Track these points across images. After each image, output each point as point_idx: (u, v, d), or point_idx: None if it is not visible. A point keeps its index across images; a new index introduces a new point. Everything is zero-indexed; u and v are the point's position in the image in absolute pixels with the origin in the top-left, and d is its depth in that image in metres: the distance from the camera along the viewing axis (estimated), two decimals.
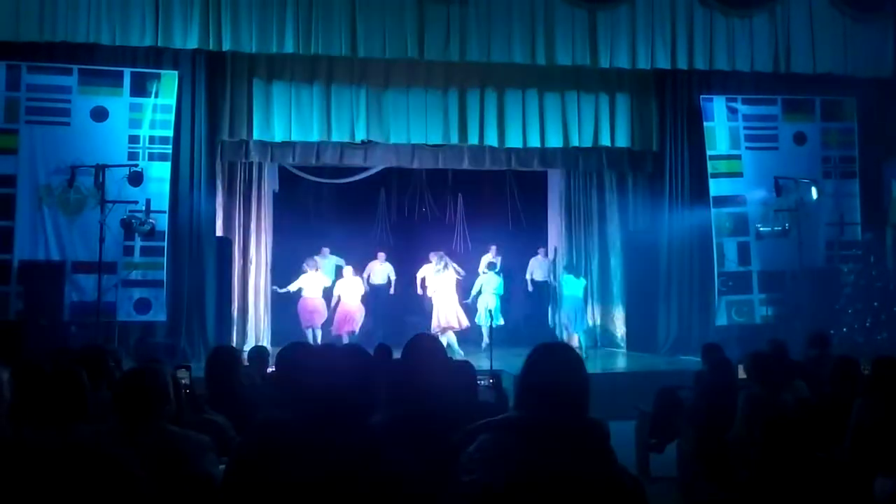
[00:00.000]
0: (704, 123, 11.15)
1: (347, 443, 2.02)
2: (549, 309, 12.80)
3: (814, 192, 10.51)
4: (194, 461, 2.78)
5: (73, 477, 0.75)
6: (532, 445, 2.06)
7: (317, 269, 11.27)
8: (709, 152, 11.12)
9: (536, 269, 12.72)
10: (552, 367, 2.29)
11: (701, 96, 11.20)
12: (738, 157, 11.23)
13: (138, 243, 9.83)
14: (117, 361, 4.95)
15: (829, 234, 11.18)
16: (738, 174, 11.19)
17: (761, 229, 10.74)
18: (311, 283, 11.13)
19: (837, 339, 8.92)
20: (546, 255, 12.88)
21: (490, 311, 10.63)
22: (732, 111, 11.26)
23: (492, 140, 11.02)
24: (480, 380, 5.65)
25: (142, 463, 1.02)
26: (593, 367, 10.46)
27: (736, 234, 11.10)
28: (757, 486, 3.08)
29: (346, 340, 10.65)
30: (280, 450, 2.04)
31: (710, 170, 11.11)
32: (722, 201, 11.10)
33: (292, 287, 11.14)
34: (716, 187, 11.10)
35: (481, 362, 8.65)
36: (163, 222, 9.85)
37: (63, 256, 9.68)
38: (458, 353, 10.03)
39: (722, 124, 11.22)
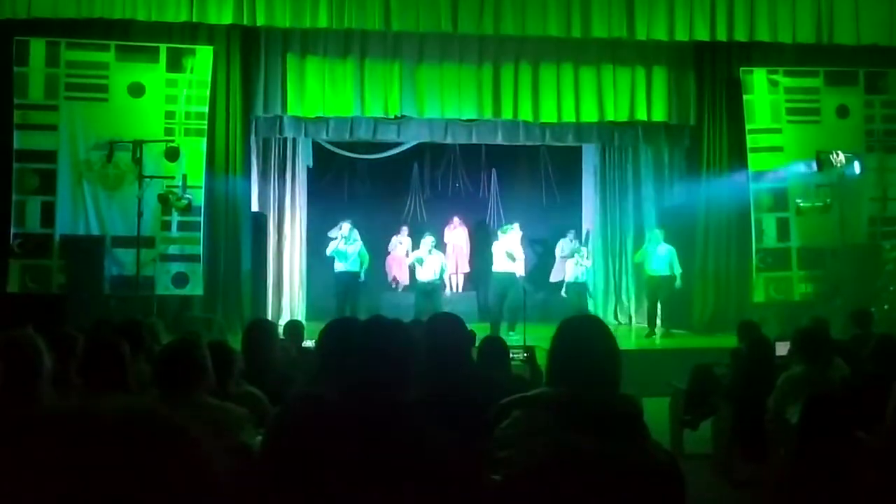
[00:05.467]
0: (744, 96, 10.89)
1: (383, 416, 2.03)
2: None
3: (857, 167, 10.25)
4: (233, 433, 2.82)
5: (142, 444, 0.75)
6: (565, 422, 2.05)
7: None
8: (748, 126, 10.88)
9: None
10: (580, 340, 2.27)
11: (741, 68, 10.95)
12: (778, 131, 10.98)
13: (175, 218, 9.95)
14: (155, 335, 5.03)
15: (872, 209, 10.92)
16: (779, 148, 10.94)
17: (802, 205, 10.52)
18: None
19: (878, 316, 8.74)
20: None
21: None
22: (773, 84, 10.98)
23: (526, 114, 10.91)
24: (514, 354, 5.66)
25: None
26: (628, 343, 10.42)
27: (775, 209, 10.89)
28: (795, 465, 3.05)
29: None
30: (316, 423, 2.06)
31: (749, 144, 10.88)
32: (761, 176, 10.88)
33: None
34: (755, 162, 10.87)
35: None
36: (199, 197, 9.95)
37: (103, 231, 9.85)
38: None
39: (762, 97, 10.96)
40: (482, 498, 2.02)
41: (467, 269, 13.05)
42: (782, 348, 5.29)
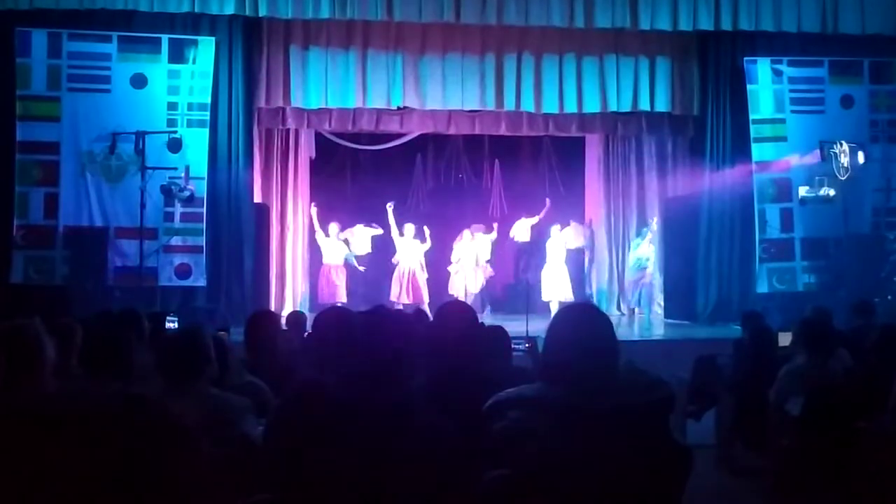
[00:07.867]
0: (748, 86, 10.85)
1: (384, 405, 2.03)
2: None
3: (860, 157, 10.21)
4: (235, 423, 2.83)
5: (131, 426, 0.76)
6: (561, 426, 2.04)
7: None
8: (752, 116, 10.85)
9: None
10: (573, 334, 2.23)
11: (744, 58, 10.90)
12: (782, 121, 10.94)
13: (178, 209, 9.96)
14: (162, 324, 5.03)
15: (876, 200, 10.88)
16: (783, 138, 10.91)
17: (805, 195, 10.49)
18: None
19: (882, 307, 8.74)
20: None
21: None
22: (777, 73, 10.94)
23: (529, 105, 10.89)
24: (517, 344, 5.65)
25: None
26: (631, 333, 10.44)
27: (779, 199, 10.86)
28: (797, 455, 3.05)
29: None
30: (318, 411, 2.06)
31: (752, 134, 10.84)
32: (765, 166, 10.85)
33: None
34: (759, 152, 10.84)
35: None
36: (201, 189, 9.96)
37: (106, 222, 9.87)
38: None
39: (766, 87, 10.92)
40: (478, 492, 2.03)
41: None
42: (785, 339, 5.29)
